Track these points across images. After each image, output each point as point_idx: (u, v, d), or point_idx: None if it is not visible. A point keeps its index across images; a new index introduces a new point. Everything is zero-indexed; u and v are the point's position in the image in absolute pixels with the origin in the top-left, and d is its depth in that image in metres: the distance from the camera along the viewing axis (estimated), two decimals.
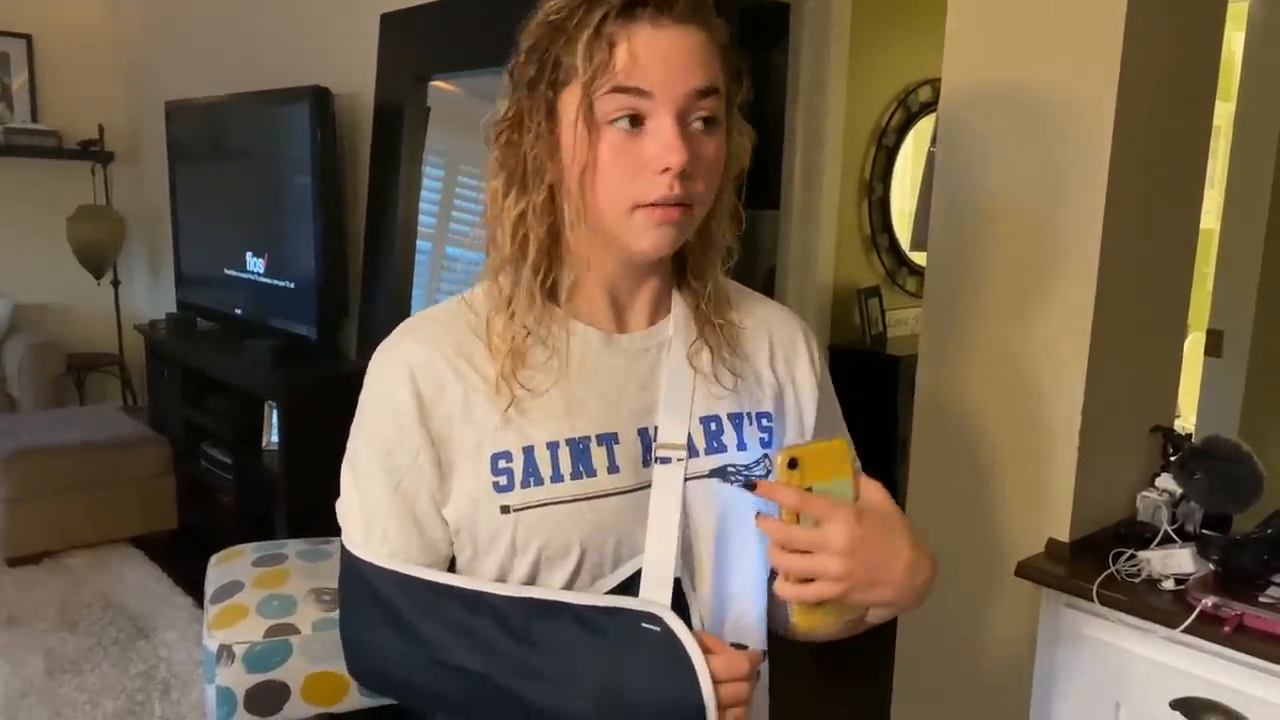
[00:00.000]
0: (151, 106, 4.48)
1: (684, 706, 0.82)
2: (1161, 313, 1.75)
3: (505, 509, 0.87)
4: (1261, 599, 1.37)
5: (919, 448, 1.83)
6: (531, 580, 0.88)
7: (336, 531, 2.98)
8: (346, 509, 0.93)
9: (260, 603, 2.22)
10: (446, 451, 0.88)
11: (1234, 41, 3.05)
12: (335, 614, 2.29)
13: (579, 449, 0.88)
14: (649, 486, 0.89)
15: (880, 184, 3.67)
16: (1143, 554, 1.51)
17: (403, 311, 3.08)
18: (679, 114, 0.81)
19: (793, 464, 0.82)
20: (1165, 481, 1.66)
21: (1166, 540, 1.57)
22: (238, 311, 3.76)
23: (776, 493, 0.82)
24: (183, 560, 3.42)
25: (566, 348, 0.89)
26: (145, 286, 5.16)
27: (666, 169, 0.81)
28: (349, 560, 0.92)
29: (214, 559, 2.49)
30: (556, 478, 0.87)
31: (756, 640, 0.95)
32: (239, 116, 3.71)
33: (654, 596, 0.87)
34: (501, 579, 0.89)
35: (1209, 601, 1.37)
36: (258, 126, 3.60)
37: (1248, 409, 2.78)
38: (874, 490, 0.85)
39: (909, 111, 3.67)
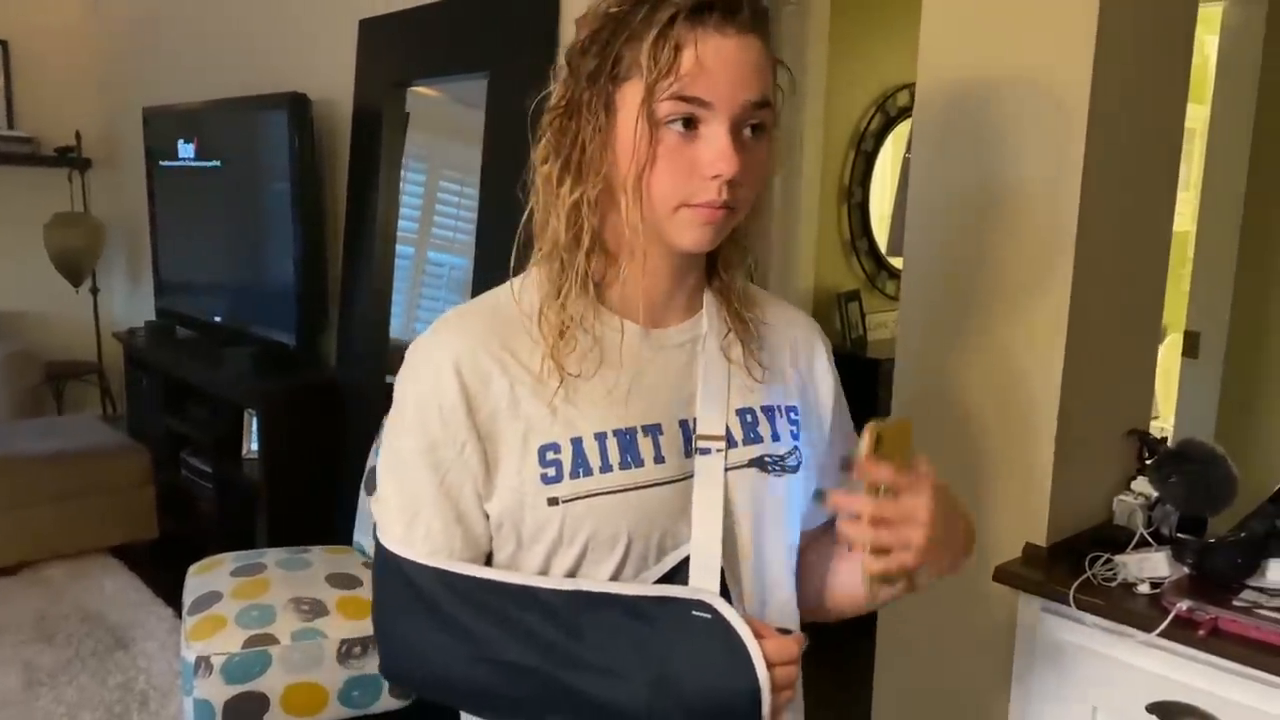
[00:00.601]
0: (129, 112, 4.45)
1: (738, 691, 0.84)
2: (1136, 315, 1.76)
3: (553, 500, 0.88)
4: (1235, 602, 1.38)
5: None
6: (574, 573, 0.89)
7: (316, 539, 2.95)
8: (385, 505, 0.93)
9: (239, 613, 2.20)
10: (492, 445, 0.89)
11: (1208, 45, 3.07)
12: (315, 624, 2.29)
13: (626, 439, 0.90)
14: (691, 477, 0.91)
15: (859, 188, 3.68)
16: (1119, 558, 1.52)
17: (383, 318, 3.07)
18: (734, 123, 0.84)
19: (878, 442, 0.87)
20: (1141, 485, 1.68)
21: (1142, 544, 1.57)
22: (217, 319, 3.74)
23: (874, 470, 0.86)
24: (163, 570, 3.39)
25: (609, 340, 0.92)
26: (124, 294, 5.13)
27: (717, 175, 0.84)
28: (387, 557, 0.92)
29: (192, 569, 2.48)
30: (605, 468, 0.88)
31: (794, 624, 0.98)
32: (217, 123, 3.69)
33: (702, 584, 0.89)
34: (544, 572, 0.90)
35: (1184, 605, 1.38)
36: (236, 133, 3.58)
37: (1223, 410, 2.80)
38: (927, 463, 0.90)
39: (887, 116, 3.68)
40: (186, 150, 3.90)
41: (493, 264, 2.60)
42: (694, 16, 0.83)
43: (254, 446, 3.42)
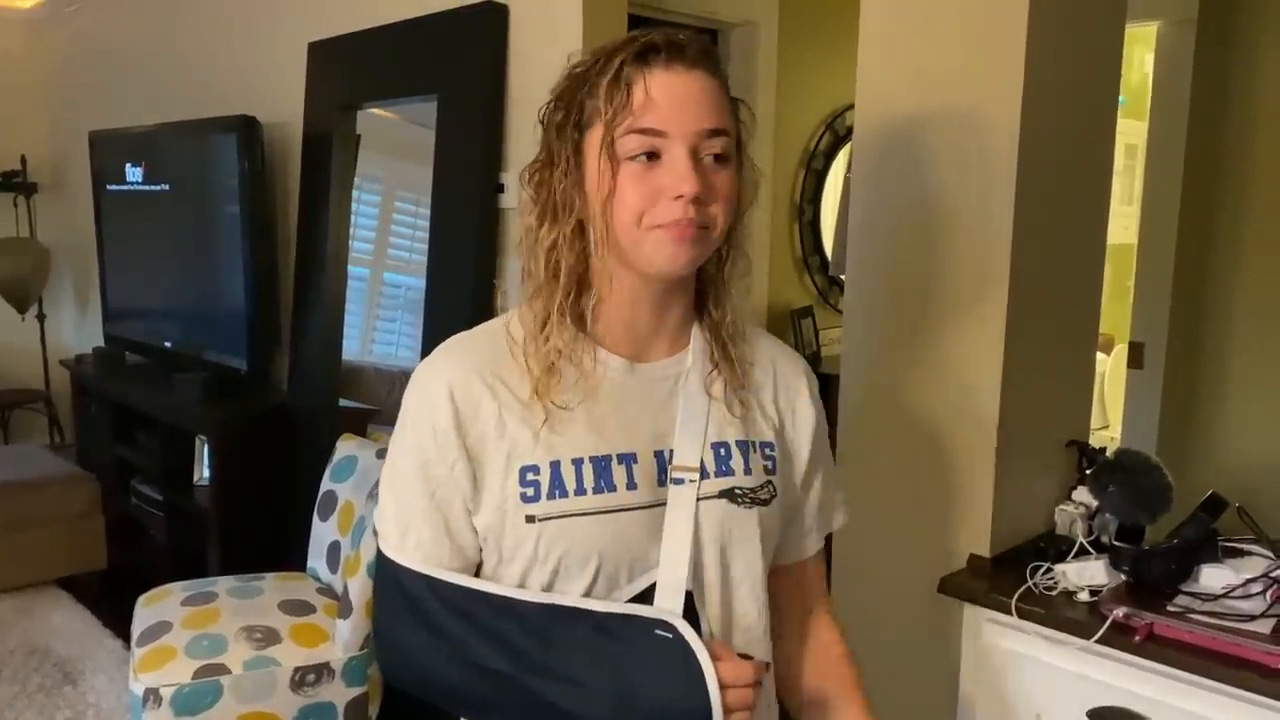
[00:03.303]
0: (75, 136, 4.40)
1: (692, 709, 0.88)
2: (1073, 328, 1.81)
3: (530, 518, 0.94)
4: (1170, 607, 1.41)
5: (843, 471, 1.86)
6: (549, 588, 0.95)
7: (269, 567, 2.90)
8: (384, 515, 1.00)
9: (189, 643, 2.17)
10: (480, 465, 0.95)
11: (1147, 63, 3.16)
12: (267, 652, 2.26)
13: (601, 465, 0.95)
14: (663, 505, 0.96)
15: (810, 206, 3.73)
16: (1059, 567, 1.55)
17: (335, 341, 3.05)
18: (691, 149, 0.90)
19: None
20: (1081, 494, 1.71)
21: (1082, 552, 1.61)
22: (167, 344, 3.70)
23: None
24: (112, 601, 3.33)
25: (593, 371, 0.97)
26: (72, 320, 5.04)
27: (680, 195, 0.90)
28: (384, 563, 0.99)
29: (142, 599, 2.44)
30: (580, 491, 0.94)
31: (761, 652, 1.02)
32: (166, 146, 3.66)
33: (667, 606, 0.94)
34: (522, 585, 0.96)
35: (1120, 611, 1.41)
36: (185, 156, 3.55)
37: (1164, 419, 2.86)
38: None
39: (836, 135, 3.74)
40: (134, 174, 3.86)
41: (445, 284, 2.60)
42: (641, 59, 0.91)
43: (205, 474, 3.37)
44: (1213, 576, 1.46)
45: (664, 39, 0.91)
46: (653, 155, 0.90)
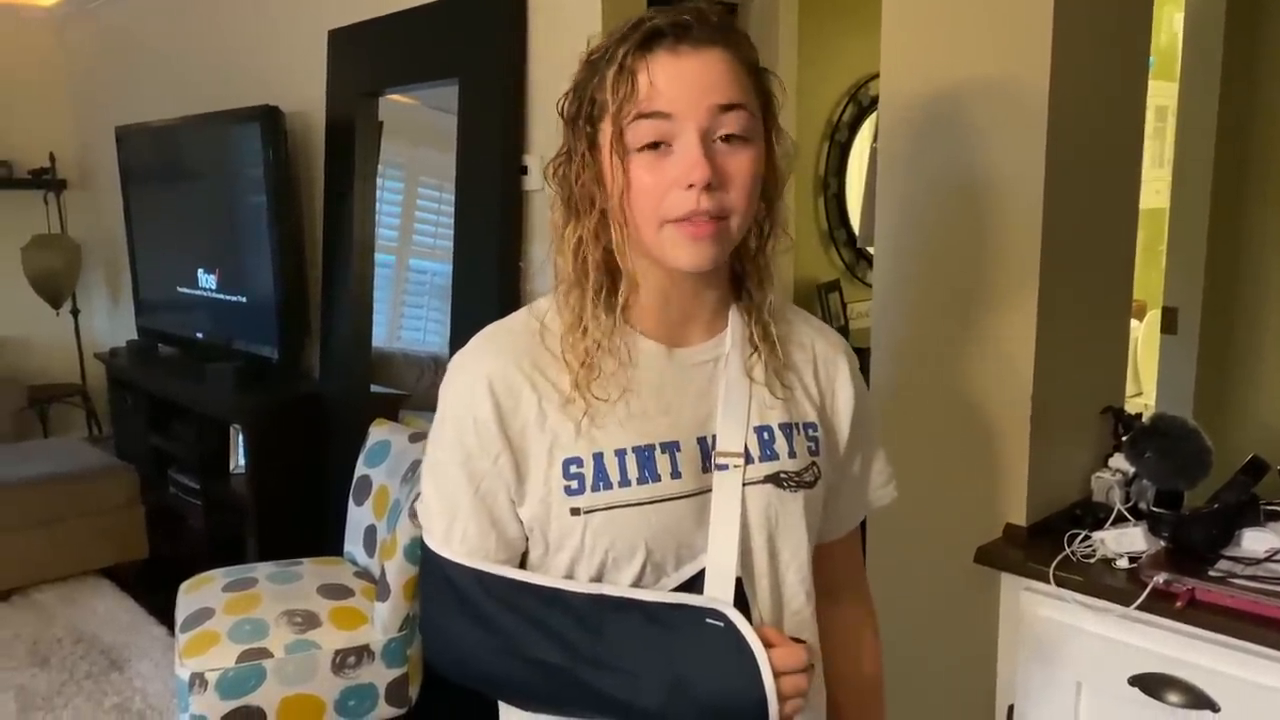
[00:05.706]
0: (102, 132, 4.44)
1: (747, 698, 0.88)
2: (1106, 295, 1.78)
3: (575, 511, 0.93)
4: (1211, 573, 1.40)
5: None
6: (598, 579, 0.94)
7: (306, 552, 2.94)
8: (428, 509, 0.99)
9: (232, 628, 2.21)
10: (523, 456, 0.94)
11: (1176, 22, 3.10)
12: (308, 635, 2.28)
13: (645, 455, 0.94)
14: (708, 491, 0.95)
15: (835, 179, 3.70)
16: (1096, 534, 1.54)
17: (364, 327, 3.07)
18: (703, 132, 0.86)
19: None
20: (1118, 461, 1.69)
21: (1120, 519, 1.59)
22: (199, 335, 3.74)
23: None
24: (154, 589, 3.38)
25: (632, 360, 0.95)
26: (105, 314, 5.11)
27: (691, 185, 0.86)
28: (431, 557, 0.98)
29: (184, 586, 2.48)
30: (624, 482, 0.93)
31: (809, 635, 1.01)
32: (190, 139, 3.69)
33: (717, 594, 0.93)
34: (570, 576, 0.95)
35: (1160, 578, 1.40)
36: (209, 148, 3.58)
37: (1200, 384, 2.83)
38: None
39: (860, 106, 3.70)
40: (161, 167, 3.90)
41: (471, 268, 2.61)
42: (645, 45, 0.87)
43: (241, 461, 3.42)
44: (1255, 540, 1.44)
45: (668, 21, 0.87)
46: (664, 144, 0.87)
